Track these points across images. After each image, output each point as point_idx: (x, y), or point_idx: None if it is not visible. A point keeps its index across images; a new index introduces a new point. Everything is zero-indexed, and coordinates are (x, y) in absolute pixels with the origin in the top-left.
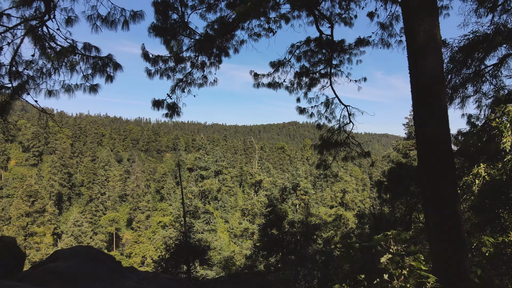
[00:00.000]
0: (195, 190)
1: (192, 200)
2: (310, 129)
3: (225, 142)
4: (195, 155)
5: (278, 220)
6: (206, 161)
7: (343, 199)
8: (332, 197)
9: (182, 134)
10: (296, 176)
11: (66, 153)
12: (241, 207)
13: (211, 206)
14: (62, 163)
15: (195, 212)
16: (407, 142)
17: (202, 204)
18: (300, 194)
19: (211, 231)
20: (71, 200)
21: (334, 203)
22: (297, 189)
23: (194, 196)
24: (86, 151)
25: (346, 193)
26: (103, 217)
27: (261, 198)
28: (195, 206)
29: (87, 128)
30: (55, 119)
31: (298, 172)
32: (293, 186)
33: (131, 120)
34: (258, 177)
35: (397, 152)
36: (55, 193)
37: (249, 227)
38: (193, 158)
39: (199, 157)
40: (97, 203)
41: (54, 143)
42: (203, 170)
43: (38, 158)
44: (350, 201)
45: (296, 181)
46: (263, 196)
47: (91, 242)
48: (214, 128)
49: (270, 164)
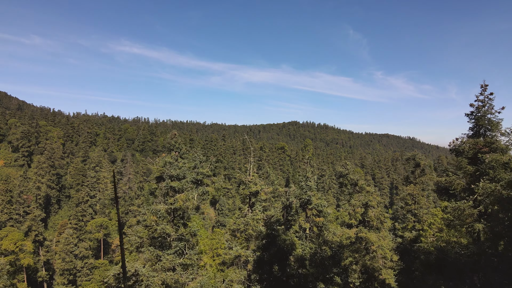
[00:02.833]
0: (161, 210)
1: (158, 223)
2: (310, 129)
3: (223, 142)
4: (165, 159)
5: (281, 255)
6: (179, 167)
7: (365, 216)
8: (351, 213)
9: (180, 134)
10: (306, 189)
11: (57, 153)
12: (231, 226)
13: (189, 229)
14: (50, 163)
15: (163, 240)
16: (476, 140)
17: (172, 228)
18: (312, 214)
19: (187, 266)
20: (60, 203)
21: (353, 221)
22: (307, 207)
23: (160, 217)
24: (78, 151)
25: (369, 208)
26: (90, 222)
27: (258, 215)
28: (162, 231)
29: (80, 127)
30: (49, 118)
31: (308, 184)
32: (301, 202)
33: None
34: (254, 187)
35: (458, 154)
36: (42, 195)
37: (242, 253)
38: (162, 163)
39: (170, 161)
40: (85, 207)
41: (44, 143)
42: (175, 181)
43: (28, 158)
44: (374, 219)
45: (306, 196)
46: (260, 211)
47: (75, 250)
48: (213, 128)
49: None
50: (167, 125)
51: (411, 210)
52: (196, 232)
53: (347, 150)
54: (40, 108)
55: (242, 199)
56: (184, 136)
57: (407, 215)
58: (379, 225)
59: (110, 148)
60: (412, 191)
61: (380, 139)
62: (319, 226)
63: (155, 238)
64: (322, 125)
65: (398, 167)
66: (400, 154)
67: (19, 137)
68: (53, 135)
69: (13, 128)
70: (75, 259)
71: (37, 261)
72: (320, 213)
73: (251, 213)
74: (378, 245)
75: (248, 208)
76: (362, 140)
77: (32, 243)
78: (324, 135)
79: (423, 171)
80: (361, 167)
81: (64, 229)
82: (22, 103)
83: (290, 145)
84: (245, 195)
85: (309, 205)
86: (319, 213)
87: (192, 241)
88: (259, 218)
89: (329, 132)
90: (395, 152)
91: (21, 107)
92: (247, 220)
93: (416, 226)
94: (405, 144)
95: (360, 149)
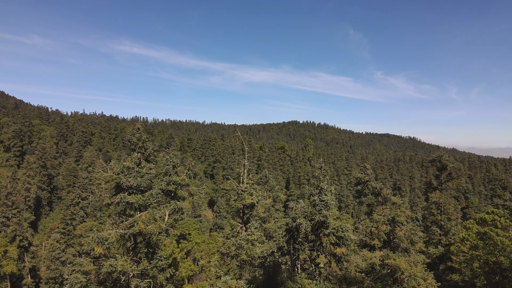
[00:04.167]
0: (110, 238)
1: (107, 255)
2: (311, 129)
3: (222, 141)
4: (123, 163)
5: None
6: (141, 174)
7: (392, 235)
8: (373, 231)
9: (178, 133)
10: (320, 207)
11: (50, 153)
12: (220, 248)
13: (156, 262)
14: (41, 164)
15: (117, 280)
16: None
17: (131, 262)
18: (329, 242)
19: None
20: (52, 204)
21: (376, 242)
22: (322, 231)
23: (108, 245)
24: (71, 151)
25: (397, 226)
26: (80, 226)
27: (253, 235)
28: (112, 270)
29: (74, 126)
30: (43, 117)
31: (323, 198)
32: (314, 225)
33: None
34: (249, 199)
35: None
36: (31, 197)
37: (232, 285)
38: (118, 169)
39: (129, 166)
40: (75, 210)
41: (37, 142)
42: (135, 194)
43: (20, 158)
44: (404, 240)
45: (320, 217)
46: (257, 228)
47: (62, 256)
48: (213, 127)
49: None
50: (166, 125)
51: (436, 221)
52: (167, 265)
53: (347, 150)
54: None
55: (233, 213)
56: (181, 136)
57: (431, 227)
58: (409, 246)
59: (106, 147)
60: (438, 198)
61: (381, 139)
62: (338, 258)
63: (105, 277)
64: (322, 124)
65: (400, 167)
66: (402, 154)
67: (11, 136)
68: (46, 134)
69: (5, 127)
70: (62, 266)
71: (23, 267)
72: (340, 240)
73: (245, 232)
74: (410, 273)
75: (242, 225)
76: (362, 140)
77: (18, 248)
78: (324, 135)
79: (450, 175)
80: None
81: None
82: (20, 102)
83: (290, 145)
84: (237, 209)
85: (325, 229)
86: (339, 240)
87: (160, 278)
88: (255, 239)
89: (329, 132)
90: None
91: (18, 106)
92: (240, 242)
93: (442, 241)
94: (405, 144)
95: (361, 149)
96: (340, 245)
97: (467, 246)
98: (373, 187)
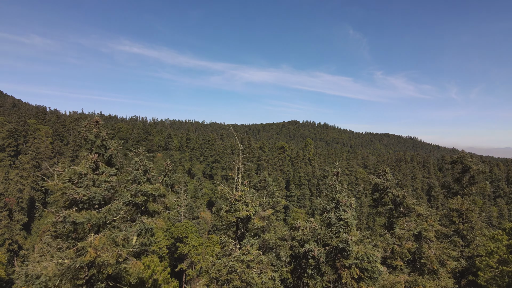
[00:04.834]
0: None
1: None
2: (311, 129)
3: (221, 141)
4: (74, 168)
5: None
6: (97, 183)
7: (418, 254)
8: (396, 249)
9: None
10: (338, 227)
11: (45, 153)
12: (210, 270)
13: None
14: (35, 164)
15: None
16: None
17: None
18: (350, 278)
19: None
20: (46, 206)
21: (399, 262)
22: (339, 262)
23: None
24: (67, 151)
25: (424, 242)
26: None
27: (249, 255)
28: None
29: (71, 125)
30: (39, 116)
31: (342, 216)
32: (328, 252)
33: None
34: (244, 210)
35: None
36: (24, 198)
37: None
38: (67, 176)
39: (82, 173)
40: None
41: (32, 142)
42: (85, 210)
43: (14, 158)
44: (434, 260)
45: (338, 241)
46: (253, 246)
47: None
48: (212, 127)
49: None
50: (165, 124)
51: (458, 231)
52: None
53: (348, 150)
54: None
55: (225, 227)
56: (180, 135)
57: (452, 237)
58: (439, 268)
59: None
60: (460, 205)
61: (381, 138)
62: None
63: None
64: (322, 124)
65: (402, 167)
66: (403, 154)
67: (5, 135)
68: (41, 133)
69: (0, 126)
70: None
71: (12, 272)
72: (365, 273)
73: (240, 251)
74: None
75: (235, 242)
76: (362, 139)
77: (7, 252)
78: (324, 135)
79: (472, 178)
80: (363, 167)
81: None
82: (18, 101)
83: (290, 144)
84: (229, 222)
85: (345, 258)
86: (363, 272)
87: None
88: (251, 259)
89: (329, 131)
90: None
91: (16, 105)
92: (233, 264)
93: (464, 252)
94: (406, 143)
95: (361, 149)
96: (366, 280)
97: (495, 260)
98: (394, 195)
